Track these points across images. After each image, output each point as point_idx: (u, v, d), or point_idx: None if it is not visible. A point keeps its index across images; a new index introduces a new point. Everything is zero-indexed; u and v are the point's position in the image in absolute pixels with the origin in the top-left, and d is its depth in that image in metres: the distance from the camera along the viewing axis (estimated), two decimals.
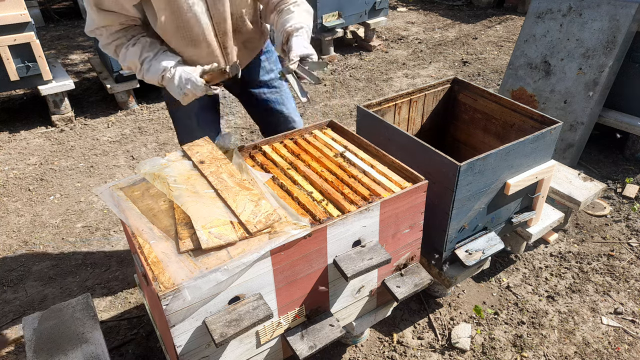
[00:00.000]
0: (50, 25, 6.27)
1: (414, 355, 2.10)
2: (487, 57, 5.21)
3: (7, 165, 3.46)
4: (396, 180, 1.74)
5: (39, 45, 3.62)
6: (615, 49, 3.03)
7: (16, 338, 2.21)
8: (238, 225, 1.47)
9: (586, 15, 3.17)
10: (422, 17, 6.51)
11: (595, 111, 3.20)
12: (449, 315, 2.28)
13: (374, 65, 5.09)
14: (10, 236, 2.81)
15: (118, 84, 4.05)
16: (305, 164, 1.85)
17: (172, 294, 1.29)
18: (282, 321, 1.62)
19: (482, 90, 2.43)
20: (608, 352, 2.11)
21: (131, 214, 1.54)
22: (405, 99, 2.41)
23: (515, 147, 1.96)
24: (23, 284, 2.49)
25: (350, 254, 1.63)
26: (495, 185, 2.02)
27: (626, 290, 2.41)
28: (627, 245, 2.69)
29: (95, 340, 1.75)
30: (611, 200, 3.02)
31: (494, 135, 2.44)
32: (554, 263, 2.58)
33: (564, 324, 2.24)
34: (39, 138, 3.80)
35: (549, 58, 3.33)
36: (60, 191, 3.20)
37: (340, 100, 4.39)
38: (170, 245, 1.43)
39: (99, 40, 1.79)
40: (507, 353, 2.11)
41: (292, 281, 1.56)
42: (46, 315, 1.85)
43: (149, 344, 2.16)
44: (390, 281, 1.83)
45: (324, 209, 1.62)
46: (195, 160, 1.73)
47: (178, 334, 1.38)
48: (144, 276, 1.43)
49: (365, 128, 2.23)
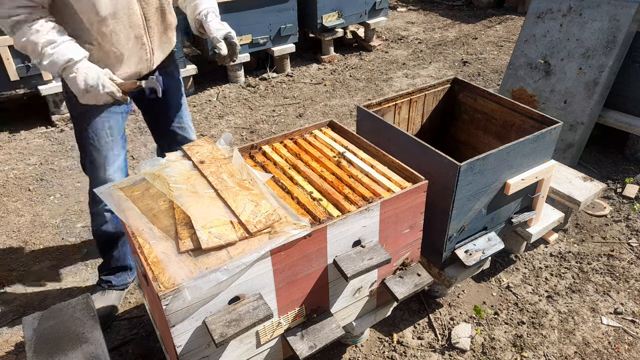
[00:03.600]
0: None
1: (414, 355, 2.10)
2: (487, 57, 5.21)
3: (7, 165, 3.46)
4: (396, 180, 1.74)
5: None
6: (615, 49, 3.03)
7: (16, 338, 2.21)
8: (238, 225, 1.47)
9: (586, 15, 3.17)
10: (422, 17, 6.51)
11: (595, 111, 3.20)
12: (449, 315, 2.28)
13: (374, 65, 5.09)
14: (10, 236, 2.81)
15: None
16: (305, 164, 1.85)
17: (172, 294, 1.29)
18: (282, 321, 1.62)
19: (482, 90, 2.43)
20: (608, 352, 2.11)
21: (131, 214, 1.54)
22: (405, 99, 2.41)
23: (515, 147, 1.96)
24: (23, 284, 2.49)
25: (350, 254, 1.63)
26: (495, 185, 2.02)
27: (626, 290, 2.41)
28: (627, 245, 2.69)
29: (95, 340, 1.75)
30: (611, 200, 3.02)
31: (494, 135, 2.44)
32: (554, 263, 2.58)
33: (564, 324, 2.24)
34: (39, 138, 3.80)
35: (549, 58, 3.33)
36: (60, 191, 3.20)
37: (340, 100, 4.39)
38: (170, 245, 1.43)
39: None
40: (507, 353, 2.11)
41: (292, 281, 1.56)
42: (46, 315, 1.85)
43: (149, 344, 2.16)
44: (390, 281, 1.83)
45: (324, 209, 1.62)
46: (195, 160, 1.73)
47: (178, 334, 1.38)
48: (144, 276, 1.43)
49: (365, 128, 2.23)
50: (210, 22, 1.93)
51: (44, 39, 1.60)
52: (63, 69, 1.64)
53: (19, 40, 1.62)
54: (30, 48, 1.62)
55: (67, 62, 1.63)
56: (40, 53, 1.62)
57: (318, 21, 4.84)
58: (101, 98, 1.70)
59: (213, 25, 1.92)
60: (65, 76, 1.67)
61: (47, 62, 1.63)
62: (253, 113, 4.16)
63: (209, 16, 1.94)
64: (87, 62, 1.68)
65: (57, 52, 1.61)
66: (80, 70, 1.65)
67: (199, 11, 1.95)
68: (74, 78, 1.65)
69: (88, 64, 1.68)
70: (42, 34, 1.60)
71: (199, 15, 1.95)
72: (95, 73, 1.66)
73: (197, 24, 1.97)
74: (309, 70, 4.99)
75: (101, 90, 1.68)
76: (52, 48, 1.61)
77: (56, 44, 1.62)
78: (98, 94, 1.68)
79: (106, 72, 1.71)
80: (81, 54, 1.66)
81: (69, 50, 1.63)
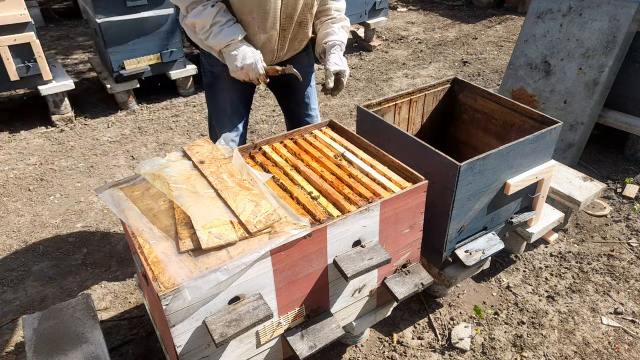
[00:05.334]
0: (50, 25, 6.27)
1: (414, 355, 2.10)
2: (487, 57, 5.21)
3: (7, 165, 3.46)
4: (396, 180, 1.74)
5: (39, 45, 3.62)
6: (615, 49, 3.03)
7: (16, 338, 2.21)
8: (238, 225, 1.47)
9: (586, 15, 3.17)
10: (422, 17, 6.51)
11: (595, 111, 3.20)
12: (449, 315, 2.28)
13: (374, 65, 5.09)
14: (10, 236, 2.81)
15: (118, 84, 4.05)
16: (305, 164, 1.85)
17: (172, 294, 1.29)
18: (282, 321, 1.62)
19: (482, 90, 2.43)
20: (608, 352, 2.11)
21: (131, 214, 1.54)
22: (405, 99, 2.41)
23: (515, 147, 1.96)
24: (23, 284, 2.49)
25: (350, 254, 1.63)
26: (495, 185, 2.02)
27: (626, 290, 2.41)
28: (627, 245, 2.69)
29: (95, 340, 1.75)
30: (611, 200, 3.02)
31: (494, 135, 2.44)
32: (554, 263, 2.58)
33: (564, 324, 2.24)
34: (39, 138, 3.80)
35: (549, 58, 3.33)
36: (60, 191, 3.20)
37: (340, 100, 4.39)
38: (170, 245, 1.43)
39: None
40: (507, 353, 2.11)
41: (292, 281, 1.56)
42: (46, 315, 1.85)
43: (149, 344, 2.16)
44: (390, 281, 1.83)
45: (324, 208, 1.62)
46: (195, 160, 1.73)
47: (178, 334, 1.38)
48: (144, 276, 1.43)
49: (365, 128, 2.23)
50: (332, 55, 2.04)
51: (214, 19, 1.83)
52: (227, 45, 1.87)
53: (193, 17, 1.85)
54: (199, 26, 1.86)
55: (232, 40, 1.85)
56: (208, 30, 1.85)
57: None
58: (251, 76, 1.92)
59: (333, 58, 2.03)
60: (227, 52, 1.88)
61: (212, 40, 1.86)
62: (253, 113, 4.16)
63: (334, 49, 2.05)
64: (246, 43, 1.90)
65: (223, 30, 1.84)
66: (240, 49, 1.87)
67: (326, 40, 2.06)
68: (235, 55, 1.87)
69: (247, 44, 1.90)
70: (212, 14, 1.82)
71: (325, 44, 2.07)
72: (252, 54, 1.88)
73: (320, 49, 2.09)
74: None
75: (253, 69, 1.89)
76: (219, 27, 1.84)
77: (222, 24, 1.84)
78: (250, 71, 1.90)
79: (259, 55, 1.92)
80: (242, 34, 1.88)
81: (232, 30, 1.85)
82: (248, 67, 1.88)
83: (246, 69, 1.88)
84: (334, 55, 2.03)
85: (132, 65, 3.99)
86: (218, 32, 1.84)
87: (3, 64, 3.55)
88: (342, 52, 2.08)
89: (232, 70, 1.91)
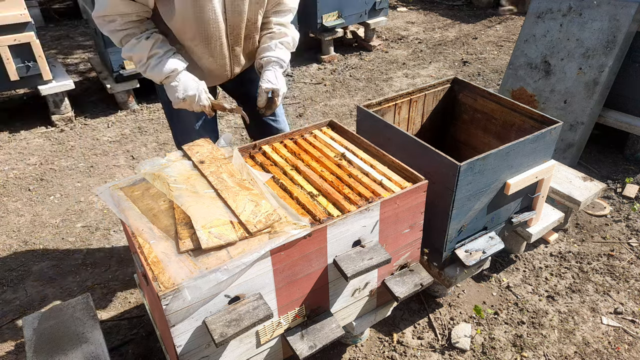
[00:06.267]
0: (50, 25, 6.27)
1: (414, 355, 2.10)
2: (487, 57, 5.21)
3: (7, 165, 3.46)
4: (396, 180, 1.74)
5: (39, 45, 3.62)
6: (615, 48, 3.03)
7: (16, 338, 2.21)
8: (238, 225, 1.47)
9: (586, 15, 3.17)
10: (422, 17, 6.51)
11: (595, 111, 3.20)
12: (449, 315, 2.28)
13: (374, 65, 5.09)
14: (10, 236, 2.81)
15: (118, 84, 4.05)
16: (305, 163, 1.85)
17: (172, 294, 1.29)
18: (282, 321, 1.62)
19: (482, 90, 2.43)
20: (608, 352, 2.11)
21: (131, 214, 1.54)
22: (405, 99, 2.41)
23: (515, 147, 1.96)
24: (23, 284, 2.49)
25: (350, 254, 1.63)
26: (495, 185, 2.02)
27: (626, 290, 2.41)
28: (627, 245, 2.69)
29: (95, 340, 1.75)
30: (611, 200, 3.02)
31: (494, 135, 2.44)
32: (554, 263, 2.58)
33: (564, 324, 2.24)
34: (39, 138, 3.80)
35: (549, 58, 3.33)
36: (60, 191, 3.20)
37: (340, 100, 4.39)
38: (170, 245, 1.43)
39: (103, 26, 1.75)
40: (507, 353, 2.11)
41: (292, 281, 1.56)
42: (46, 315, 1.85)
43: (149, 344, 2.16)
44: (390, 281, 1.83)
45: (324, 208, 1.62)
46: (195, 160, 1.73)
47: (178, 333, 1.38)
48: (144, 276, 1.43)
49: (365, 128, 2.23)
50: (267, 72, 1.94)
51: (151, 52, 1.75)
52: (166, 77, 1.78)
53: (128, 52, 1.77)
54: (137, 60, 1.78)
55: (172, 72, 1.77)
56: (145, 64, 1.77)
57: (318, 21, 4.84)
58: (194, 107, 1.85)
59: (267, 75, 1.94)
60: (167, 84, 1.80)
61: (150, 73, 1.78)
62: None
63: (270, 66, 1.96)
64: (188, 74, 1.82)
65: (161, 63, 1.76)
66: (181, 81, 1.79)
67: (262, 56, 1.97)
68: (175, 87, 1.79)
69: (188, 75, 1.82)
70: (148, 46, 1.74)
71: (262, 60, 1.98)
72: (195, 85, 1.81)
73: (257, 64, 2.01)
74: (308, 70, 4.99)
75: (196, 101, 1.82)
76: (156, 59, 1.76)
77: (159, 55, 1.76)
78: (193, 104, 1.83)
79: (203, 86, 1.84)
80: (183, 65, 1.80)
81: (172, 62, 1.77)
82: (190, 99, 1.80)
83: (189, 100, 1.81)
84: (269, 72, 1.93)
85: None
86: (156, 64, 1.75)
87: (3, 64, 3.55)
88: (282, 70, 1.98)
89: (174, 102, 1.83)
